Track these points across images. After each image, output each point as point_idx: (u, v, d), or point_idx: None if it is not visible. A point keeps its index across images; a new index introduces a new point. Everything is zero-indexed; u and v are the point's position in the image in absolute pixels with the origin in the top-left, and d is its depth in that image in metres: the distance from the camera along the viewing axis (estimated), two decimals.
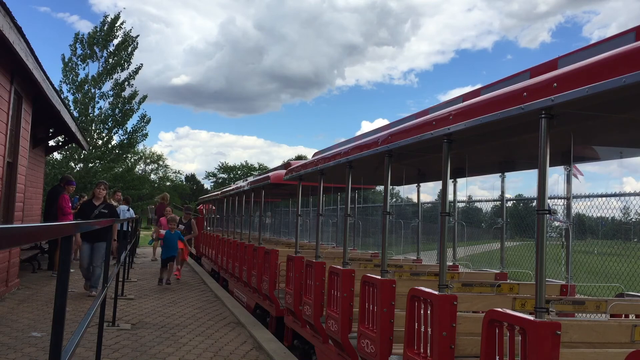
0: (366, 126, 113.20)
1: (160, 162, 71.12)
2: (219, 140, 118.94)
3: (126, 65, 29.21)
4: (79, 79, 28.12)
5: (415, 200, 7.90)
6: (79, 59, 28.26)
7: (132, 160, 34.41)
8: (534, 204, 3.69)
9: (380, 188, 9.61)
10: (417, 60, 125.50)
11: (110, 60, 28.78)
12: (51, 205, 11.75)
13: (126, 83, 29.11)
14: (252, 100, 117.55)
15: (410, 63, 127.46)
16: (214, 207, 18.79)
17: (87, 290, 9.33)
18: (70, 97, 27.34)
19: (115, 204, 15.02)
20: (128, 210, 13.98)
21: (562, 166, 5.07)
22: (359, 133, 6.57)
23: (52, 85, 9.32)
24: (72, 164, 26.92)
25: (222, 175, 78.15)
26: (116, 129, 29.30)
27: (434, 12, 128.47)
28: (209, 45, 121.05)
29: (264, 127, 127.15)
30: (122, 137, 29.74)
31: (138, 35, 29.81)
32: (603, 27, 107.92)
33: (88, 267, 9.11)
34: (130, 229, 11.63)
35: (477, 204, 13.82)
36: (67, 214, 11.15)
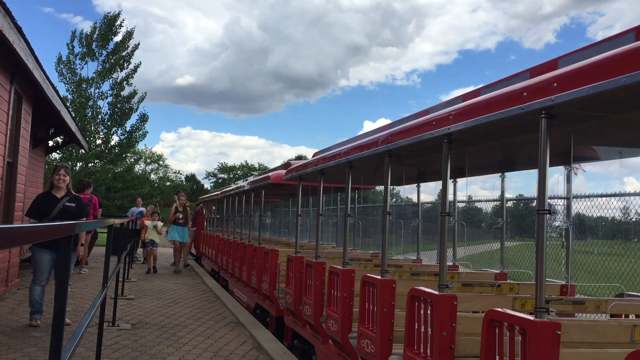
0: (368, 126, 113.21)
1: (161, 162, 71.20)
2: (220, 141, 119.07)
3: (126, 65, 29.20)
4: (76, 79, 28.08)
5: (415, 200, 7.90)
6: (77, 57, 28.21)
7: (132, 160, 34.45)
8: (534, 204, 3.69)
9: (380, 188, 9.61)
10: (421, 60, 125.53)
11: (110, 59, 28.73)
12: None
13: (125, 82, 29.09)
14: (255, 101, 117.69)
15: (414, 64, 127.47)
16: (214, 207, 18.80)
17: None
18: (65, 95, 27.39)
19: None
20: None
21: (562, 166, 5.07)
22: (360, 133, 6.57)
23: (52, 85, 9.32)
24: (71, 164, 26.95)
25: (222, 175, 78.18)
26: (115, 128, 29.28)
27: (438, 13, 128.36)
28: (213, 46, 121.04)
29: (266, 128, 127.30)
30: (121, 137, 29.74)
31: (134, 29, 29.78)
32: (607, 28, 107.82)
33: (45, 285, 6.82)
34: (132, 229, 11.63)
35: (477, 204, 13.83)
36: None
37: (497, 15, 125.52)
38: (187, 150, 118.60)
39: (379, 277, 4.47)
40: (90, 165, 28.08)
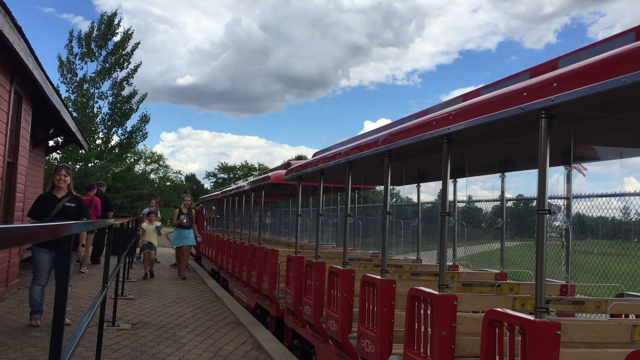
0: (369, 126, 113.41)
1: (161, 162, 71.31)
2: (221, 141, 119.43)
3: (125, 65, 29.17)
4: (77, 79, 28.06)
5: (415, 200, 7.90)
6: (77, 57, 28.19)
7: (132, 160, 34.45)
8: (534, 204, 3.69)
9: (380, 188, 9.61)
10: (421, 61, 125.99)
11: (109, 59, 28.70)
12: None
13: (125, 82, 29.07)
14: (256, 101, 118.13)
15: (414, 64, 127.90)
16: (214, 207, 18.80)
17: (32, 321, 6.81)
18: (66, 96, 27.33)
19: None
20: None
21: (562, 166, 5.07)
22: (361, 133, 6.57)
23: (52, 85, 9.32)
24: (71, 163, 26.95)
25: (222, 175, 78.30)
26: (115, 128, 29.27)
27: (438, 13, 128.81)
28: (214, 46, 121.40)
29: (266, 128, 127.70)
30: (121, 137, 29.74)
31: (133, 31, 29.70)
32: (608, 28, 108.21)
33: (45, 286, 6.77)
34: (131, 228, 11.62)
35: (477, 204, 13.83)
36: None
37: (497, 16, 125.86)
38: (188, 150, 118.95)
39: (379, 277, 4.47)
40: (90, 165, 28.07)
